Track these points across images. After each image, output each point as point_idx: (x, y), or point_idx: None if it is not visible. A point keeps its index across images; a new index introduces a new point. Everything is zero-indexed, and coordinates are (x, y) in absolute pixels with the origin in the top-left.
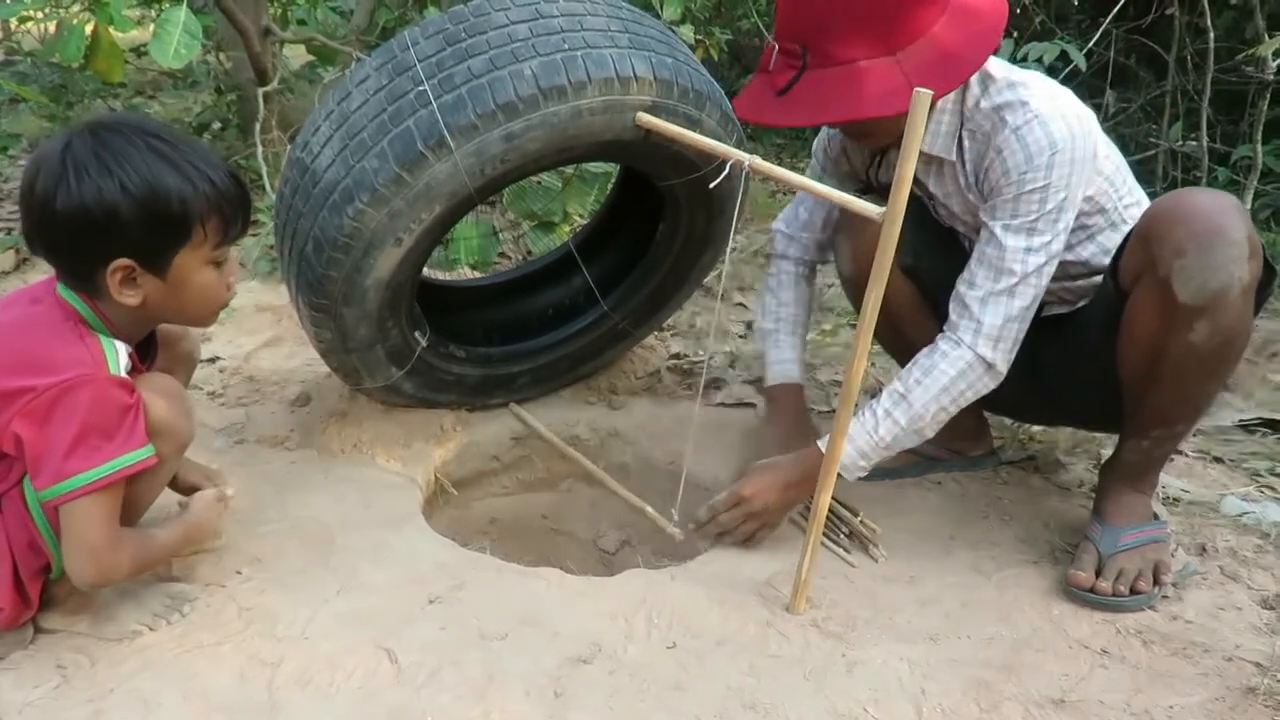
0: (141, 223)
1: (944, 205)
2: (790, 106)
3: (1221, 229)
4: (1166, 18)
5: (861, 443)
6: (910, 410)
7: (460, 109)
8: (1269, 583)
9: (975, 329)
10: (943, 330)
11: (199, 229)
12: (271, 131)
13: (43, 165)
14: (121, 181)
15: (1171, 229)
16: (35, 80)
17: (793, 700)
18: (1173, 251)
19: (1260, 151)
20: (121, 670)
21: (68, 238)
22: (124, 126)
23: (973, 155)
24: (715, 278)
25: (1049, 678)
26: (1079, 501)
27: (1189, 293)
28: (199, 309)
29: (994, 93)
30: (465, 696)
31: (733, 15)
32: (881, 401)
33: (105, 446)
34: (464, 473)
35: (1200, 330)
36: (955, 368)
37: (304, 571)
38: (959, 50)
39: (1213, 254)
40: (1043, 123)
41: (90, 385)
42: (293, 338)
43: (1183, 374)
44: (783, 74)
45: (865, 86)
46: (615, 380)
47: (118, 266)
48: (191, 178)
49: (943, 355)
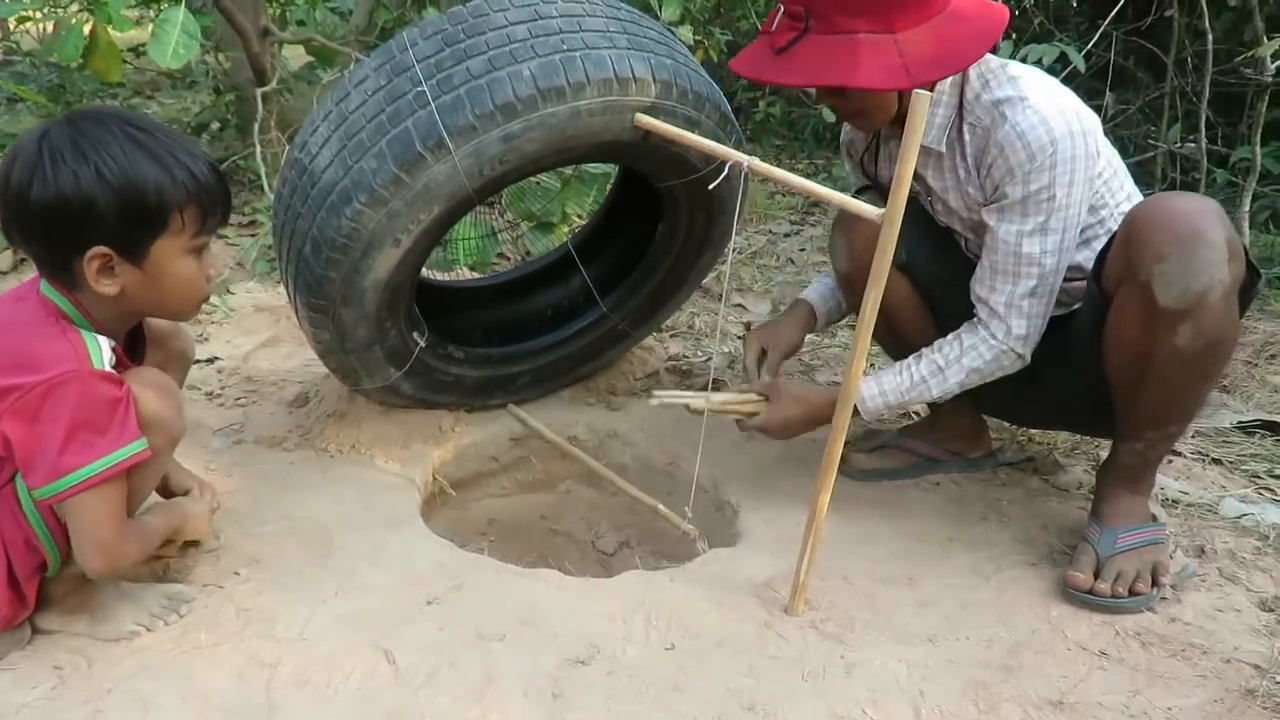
0: (117, 210)
1: (941, 200)
2: (787, 66)
3: (1201, 232)
4: (1165, 19)
5: (891, 397)
6: (944, 384)
7: (459, 110)
8: (1268, 584)
9: (1006, 330)
10: (970, 323)
11: (176, 217)
12: (270, 132)
13: (20, 153)
14: (98, 168)
15: (1151, 233)
16: (33, 80)
17: (791, 701)
18: (1153, 256)
19: (1259, 153)
20: (119, 671)
21: (44, 226)
22: (102, 116)
23: (973, 149)
24: (714, 278)
25: (1048, 679)
26: (1077, 503)
27: (1170, 297)
28: (179, 300)
29: (994, 86)
30: (463, 697)
31: (732, 16)
32: (921, 367)
33: (99, 441)
34: (462, 473)
35: (1184, 334)
36: (991, 353)
37: (302, 572)
38: (958, 41)
39: (1193, 257)
40: (1043, 118)
41: (76, 381)
42: (291, 338)
43: (1169, 377)
44: (784, 34)
45: (862, 58)
46: (614, 381)
47: (94, 254)
48: (169, 166)
49: (983, 341)
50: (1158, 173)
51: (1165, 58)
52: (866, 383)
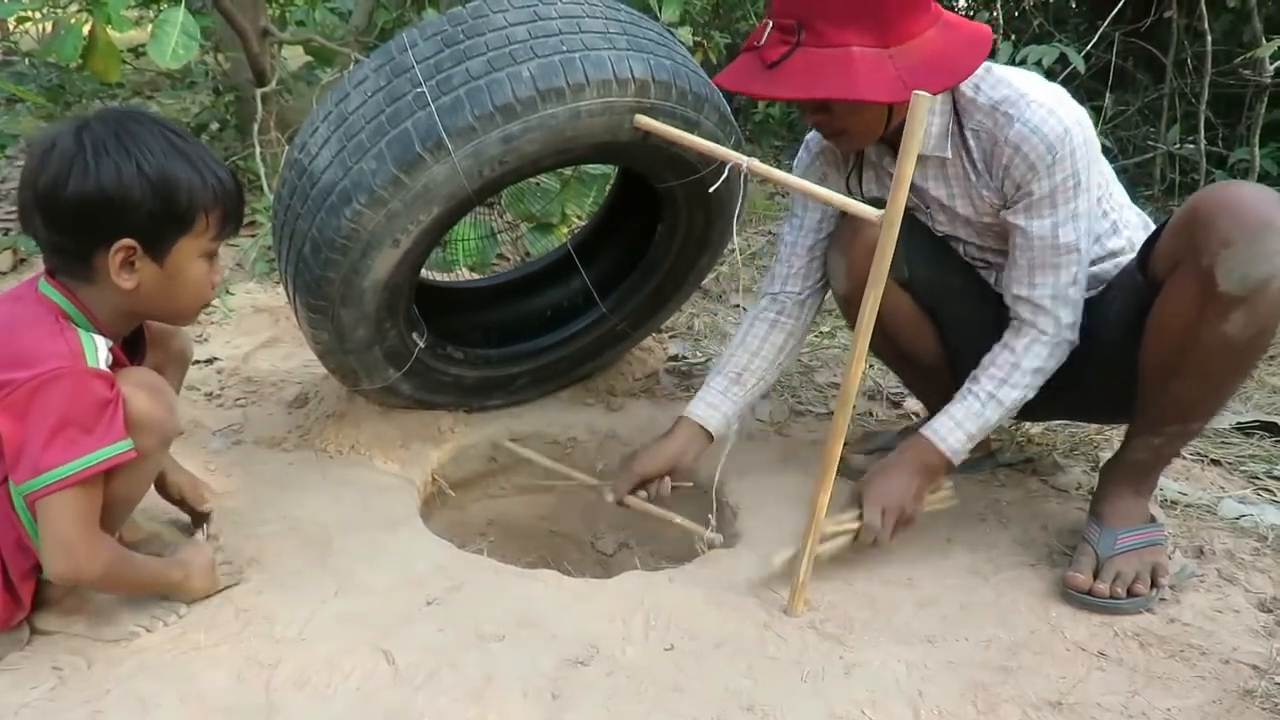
0: (152, 206)
1: (946, 208)
2: (779, 80)
3: (1270, 221)
4: (1164, 21)
5: (970, 424)
6: (1013, 394)
7: (458, 111)
8: (1266, 585)
9: (1056, 323)
10: (1014, 328)
11: (202, 218)
12: (269, 132)
13: (58, 142)
14: (139, 163)
15: (1217, 218)
16: (33, 80)
17: (790, 702)
18: (1220, 241)
19: (1258, 154)
20: (118, 671)
21: (76, 215)
22: (140, 115)
23: (980, 153)
24: (714, 279)
25: (1046, 680)
26: (1076, 504)
27: (1231, 282)
28: (186, 302)
29: (985, 89)
30: (463, 698)
31: (731, 17)
32: (984, 385)
33: (83, 440)
34: (462, 474)
35: (1236, 321)
36: (1048, 348)
37: (301, 573)
38: (950, 56)
39: (1260, 244)
40: (1050, 110)
41: (68, 377)
42: (290, 338)
43: (1211, 365)
44: (775, 49)
45: (857, 71)
46: (613, 382)
47: (121, 246)
48: (201, 170)
49: (1036, 340)
50: (1157, 174)
51: (1164, 59)
52: (938, 422)
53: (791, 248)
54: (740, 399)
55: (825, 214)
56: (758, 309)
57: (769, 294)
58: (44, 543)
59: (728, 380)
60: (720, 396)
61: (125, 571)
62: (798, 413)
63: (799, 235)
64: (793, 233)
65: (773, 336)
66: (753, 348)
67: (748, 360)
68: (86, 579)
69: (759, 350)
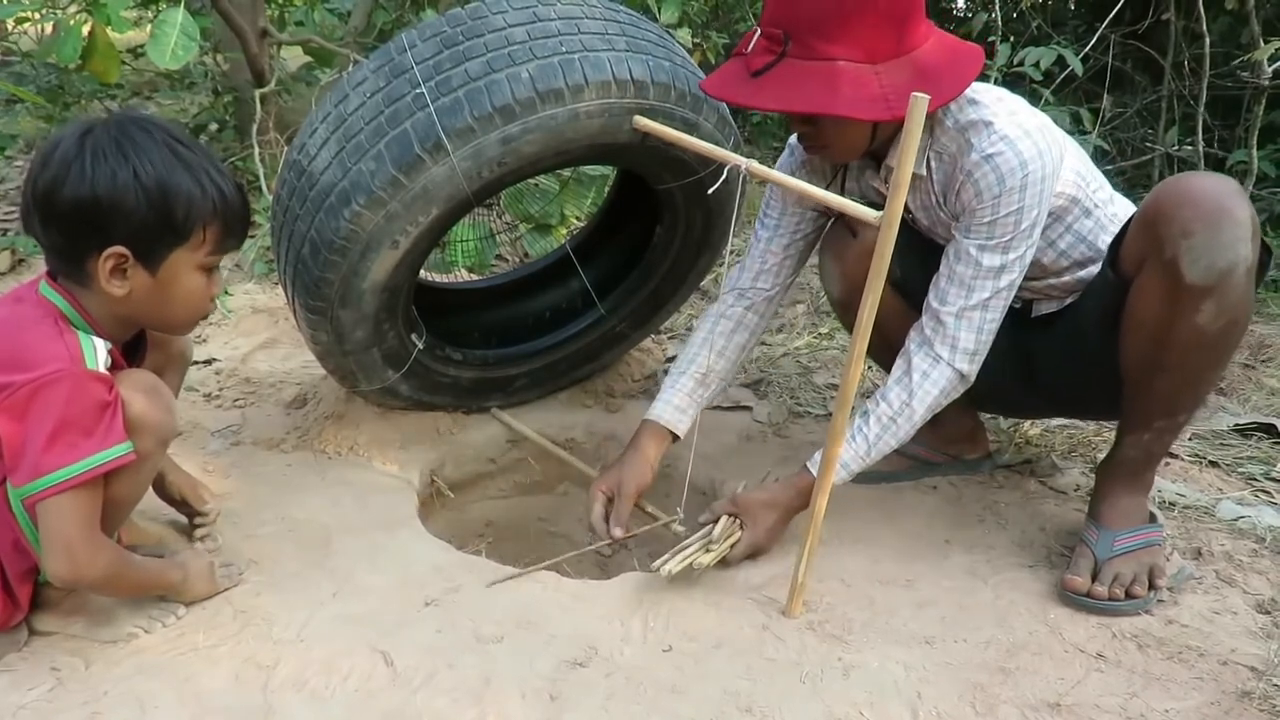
0: (145, 214)
1: (917, 222)
2: (762, 89)
3: (1228, 210)
4: (1163, 23)
5: (853, 465)
6: (898, 434)
7: (457, 112)
8: (1264, 587)
9: (951, 345)
10: (913, 336)
11: (199, 231)
12: (268, 133)
13: (61, 144)
14: (135, 170)
15: (1178, 210)
16: (32, 81)
17: (789, 703)
18: (1180, 232)
19: (1256, 156)
20: (117, 672)
21: (69, 217)
22: (147, 122)
23: (940, 176)
24: (713, 280)
25: (1045, 681)
26: (1075, 505)
27: (1197, 272)
28: (180, 314)
29: (955, 111)
30: (461, 699)
31: (730, 19)
32: (870, 427)
33: (83, 443)
34: (460, 475)
35: (1207, 311)
36: (938, 386)
37: (300, 574)
38: (938, 76)
39: (1220, 233)
40: (1010, 143)
41: (67, 380)
42: (289, 339)
43: (1189, 358)
44: (760, 57)
45: (841, 86)
46: (612, 383)
47: (111, 254)
48: (202, 182)
49: (924, 375)
50: (1155, 175)
51: (1163, 61)
52: None
53: (766, 244)
54: (703, 400)
55: (805, 218)
56: (723, 306)
57: (736, 289)
58: (45, 545)
59: (694, 382)
60: (687, 399)
61: (125, 573)
62: (796, 414)
63: (775, 234)
64: (767, 231)
65: (737, 337)
66: (718, 347)
67: (713, 361)
68: (87, 581)
69: (724, 351)
